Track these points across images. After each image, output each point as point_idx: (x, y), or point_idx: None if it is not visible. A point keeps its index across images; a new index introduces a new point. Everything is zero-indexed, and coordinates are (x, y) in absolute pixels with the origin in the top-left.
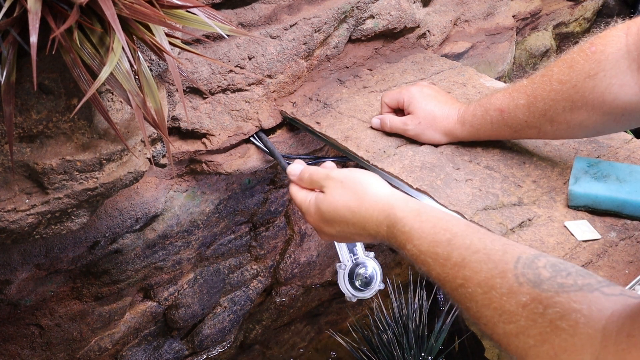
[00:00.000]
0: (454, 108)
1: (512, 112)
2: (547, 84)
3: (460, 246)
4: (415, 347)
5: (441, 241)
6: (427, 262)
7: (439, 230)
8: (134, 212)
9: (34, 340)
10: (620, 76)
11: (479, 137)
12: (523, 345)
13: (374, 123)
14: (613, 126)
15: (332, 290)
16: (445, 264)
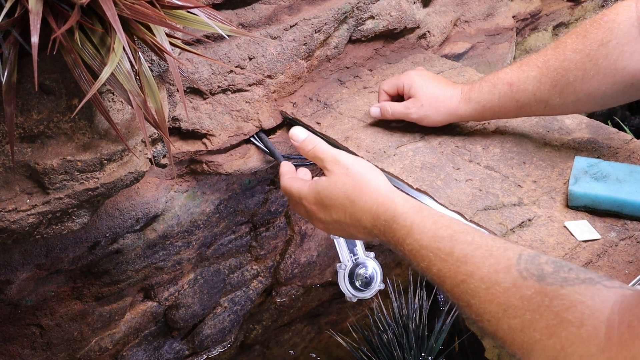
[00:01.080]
0: (456, 88)
1: (522, 85)
2: (560, 54)
3: (462, 242)
4: (415, 347)
5: (443, 236)
6: (427, 257)
7: (441, 226)
8: (134, 212)
9: (35, 340)
10: (631, 44)
11: (484, 114)
12: (529, 339)
13: (372, 112)
14: (621, 96)
15: (332, 291)
16: (447, 259)
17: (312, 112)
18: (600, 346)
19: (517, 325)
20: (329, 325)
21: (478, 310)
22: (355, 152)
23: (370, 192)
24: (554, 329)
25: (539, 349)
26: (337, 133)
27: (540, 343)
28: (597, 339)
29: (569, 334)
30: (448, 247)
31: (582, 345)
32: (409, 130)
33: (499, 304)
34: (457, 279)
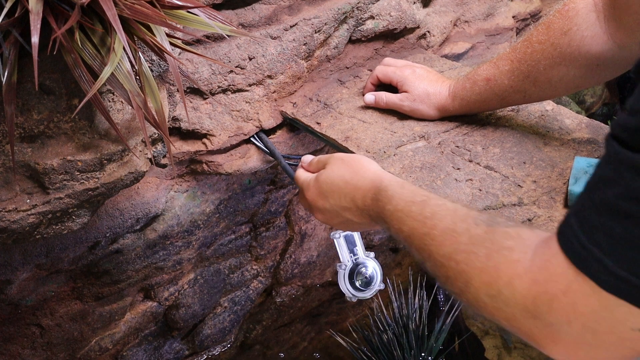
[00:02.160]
0: (445, 85)
1: (497, 80)
2: (528, 47)
3: (432, 204)
4: (415, 347)
5: (417, 201)
6: (401, 218)
7: (417, 194)
8: (134, 212)
9: (35, 340)
10: (591, 28)
11: (470, 109)
12: (471, 267)
13: (367, 99)
14: (591, 78)
15: (332, 291)
16: (417, 217)
17: (312, 112)
18: (526, 267)
19: (462, 258)
20: (329, 325)
21: (435, 256)
22: (355, 152)
23: (363, 172)
24: (492, 255)
25: (478, 273)
26: (337, 133)
27: (479, 268)
28: (525, 261)
29: (503, 258)
30: (419, 208)
31: (512, 266)
32: (409, 130)
33: (451, 245)
34: (422, 232)
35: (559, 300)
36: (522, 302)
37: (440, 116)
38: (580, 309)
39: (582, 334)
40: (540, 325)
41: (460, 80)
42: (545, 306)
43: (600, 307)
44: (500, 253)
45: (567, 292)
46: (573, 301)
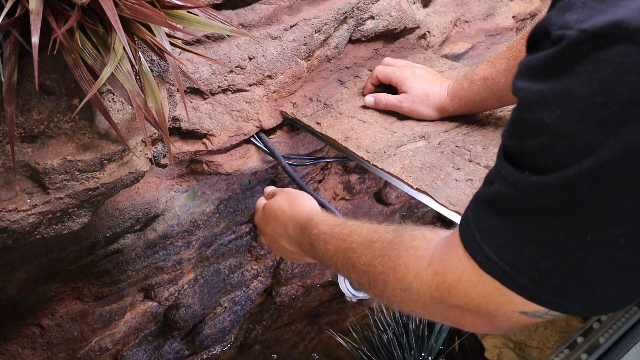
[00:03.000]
0: (444, 85)
1: (495, 79)
2: (523, 45)
3: (350, 224)
4: (415, 347)
5: (337, 224)
6: (326, 240)
7: (339, 222)
8: (134, 212)
9: (35, 340)
10: None
11: (469, 108)
12: (385, 267)
13: (367, 101)
14: None
15: (332, 291)
16: (339, 236)
17: (312, 112)
18: (429, 261)
19: (378, 262)
20: (329, 325)
21: (357, 266)
22: (355, 152)
23: (298, 205)
24: (402, 254)
25: (392, 272)
26: (337, 133)
27: (392, 268)
28: (428, 256)
29: (410, 255)
30: (340, 228)
31: (417, 261)
32: (409, 130)
33: (368, 253)
34: (344, 247)
35: (455, 288)
36: (429, 291)
37: (440, 116)
38: (472, 294)
39: (479, 312)
40: (448, 308)
41: (458, 80)
42: (446, 293)
43: (486, 292)
44: (408, 252)
45: (460, 280)
46: (465, 288)
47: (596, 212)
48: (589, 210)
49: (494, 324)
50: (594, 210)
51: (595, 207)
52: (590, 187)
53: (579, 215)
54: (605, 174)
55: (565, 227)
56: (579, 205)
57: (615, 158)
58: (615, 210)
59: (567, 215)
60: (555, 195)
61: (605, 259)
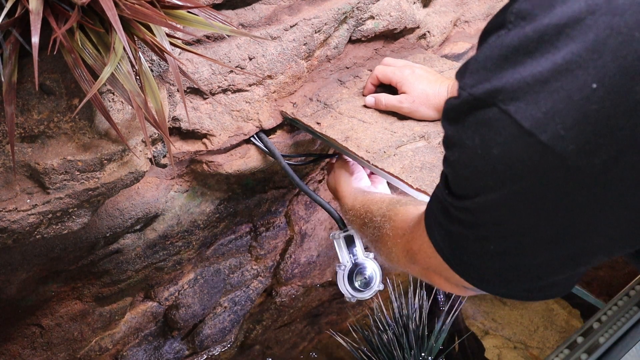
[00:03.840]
0: (444, 85)
1: None
2: None
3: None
4: (415, 347)
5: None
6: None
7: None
8: (134, 212)
9: (35, 340)
10: None
11: None
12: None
13: (368, 101)
14: None
15: (332, 291)
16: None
17: (312, 112)
18: (404, 231)
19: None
20: (329, 325)
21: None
22: (355, 152)
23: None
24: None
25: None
26: (337, 133)
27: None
28: (404, 228)
29: (392, 227)
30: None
31: (397, 231)
32: (409, 130)
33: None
34: (364, 222)
35: (417, 255)
36: (402, 254)
37: (440, 117)
38: (429, 261)
39: (438, 275)
40: (417, 267)
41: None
42: (413, 257)
43: (437, 263)
44: (393, 224)
45: (420, 249)
46: (424, 257)
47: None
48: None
49: (451, 287)
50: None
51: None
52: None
53: (481, 230)
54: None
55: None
56: (479, 223)
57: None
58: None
59: (473, 229)
60: (461, 212)
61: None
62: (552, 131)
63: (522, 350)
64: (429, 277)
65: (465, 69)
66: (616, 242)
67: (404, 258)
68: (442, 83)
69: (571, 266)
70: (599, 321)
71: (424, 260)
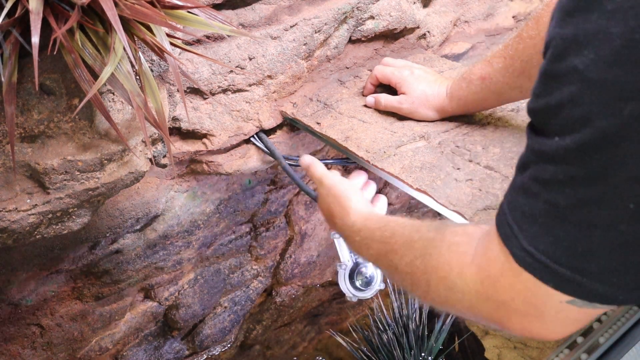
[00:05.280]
0: (442, 85)
1: (492, 78)
2: (519, 43)
3: (392, 226)
4: (415, 347)
5: (380, 226)
6: (368, 245)
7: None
8: (134, 212)
9: (35, 340)
10: None
11: (468, 108)
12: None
13: (368, 101)
14: None
15: (333, 290)
16: (380, 239)
17: (312, 112)
18: (472, 256)
19: (420, 262)
20: (329, 325)
21: (400, 267)
22: (355, 152)
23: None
24: (443, 252)
25: (435, 271)
26: (337, 133)
27: (434, 267)
28: (470, 252)
29: (452, 252)
30: (382, 232)
31: (460, 258)
32: (409, 130)
33: (410, 253)
34: (386, 250)
35: (499, 281)
36: (474, 288)
37: (440, 117)
38: (516, 286)
39: (526, 309)
40: (494, 306)
41: (456, 80)
42: (491, 288)
43: (529, 284)
44: (450, 249)
45: (503, 273)
46: (509, 281)
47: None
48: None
49: (543, 322)
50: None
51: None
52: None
53: (620, 177)
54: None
55: (605, 197)
56: (619, 164)
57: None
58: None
59: (606, 180)
60: (589, 155)
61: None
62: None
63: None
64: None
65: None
66: None
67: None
68: (441, 83)
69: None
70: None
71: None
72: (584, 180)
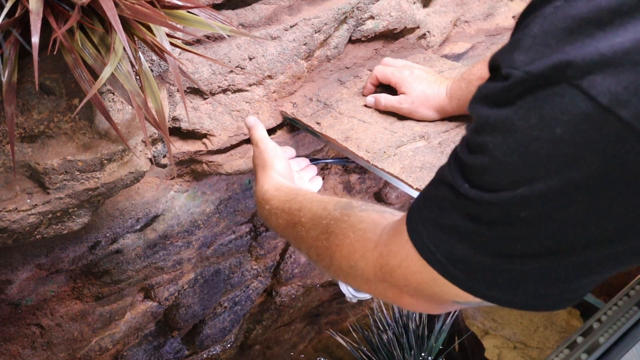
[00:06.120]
0: (442, 85)
1: None
2: None
3: (301, 199)
4: (415, 347)
5: (290, 199)
6: (277, 214)
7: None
8: (134, 212)
9: (35, 340)
10: None
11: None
12: (332, 244)
13: (368, 101)
14: None
15: (332, 290)
16: (289, 211)
17: (312, 112)
18: (375, 243)
19: (325, 237)
20: (329, 325)
21: (306, 240)
22: (355, 152)
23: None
24: (349, 234)
25: (339, 249)
26: (337, 133)
27: (338, 245)
28: (374, 240)
29: (358, 237)
30: (291, 205)
31: (365, 243)
32: (409, 130)
33: (316, 228)
34: (294, 221)
35: (396, 271)
36: (373, 271)
37: (440, 117)
38: (410, 279)
39: (416, 295)
40: (388, 287)
41: (456, 80)
42: (388, 274)
43: (423, 279)
44: (355, 233)
45: (401, 265)
46: (405, 273)
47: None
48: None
49: (428, 306)
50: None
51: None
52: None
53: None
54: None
55: (496, 236)
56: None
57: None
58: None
59: (498, 227)
60: (488, 210)
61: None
62: (634, 108)
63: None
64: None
65: (512, 48)
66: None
67: (373, 275)
68: (441, 83)
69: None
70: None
71: (404, 277)
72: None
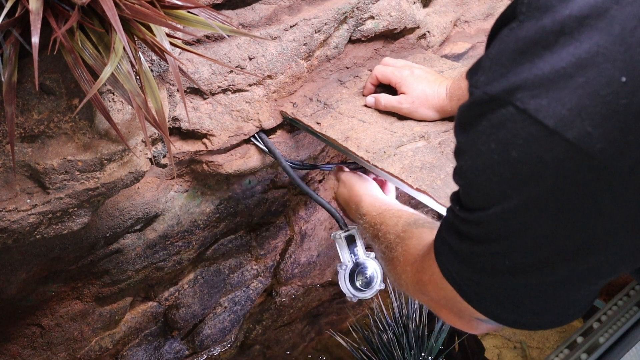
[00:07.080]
0: (442, 85)
1: None
2: None
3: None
4: (415, 347)
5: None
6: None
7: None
8: (134, 212)
9: (35, 340)
10: None
11: None
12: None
13: (368, 101)
14: None
15: (333, 291)
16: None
17: (312, 112)
18: (415, 258)
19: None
20: (329, 325)
21: (379, 251)
22: (355, 152)
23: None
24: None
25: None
26: (337, 133)
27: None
28: (415, 254)
29: (404, 251)
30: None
31: (407, 257)
32: (409, 130)
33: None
34: (377, 234)
35: (427, 287)
36: (412, 284)
37: (440, 117)
38: (439, 294)
39: (448, 309)
40: (428, 300)
41: (455, 80)
42: (423, 288)
43: (448, 296)
44: (404, 249)
45: (430, 281)
46: (434, 289)
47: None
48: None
49: (462, 324)
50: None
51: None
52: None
53: (493, 245)
54: (509, 219)
55: (485, 253)
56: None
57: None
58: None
59: (485, 245)
60: (472, 227)
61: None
62: (578, 129)
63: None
64: (438, 311)
65: (477, 66)
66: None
67: (413, 287)
68: (441, 83)
69: (592, 280)
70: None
71: (435, 292)
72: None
